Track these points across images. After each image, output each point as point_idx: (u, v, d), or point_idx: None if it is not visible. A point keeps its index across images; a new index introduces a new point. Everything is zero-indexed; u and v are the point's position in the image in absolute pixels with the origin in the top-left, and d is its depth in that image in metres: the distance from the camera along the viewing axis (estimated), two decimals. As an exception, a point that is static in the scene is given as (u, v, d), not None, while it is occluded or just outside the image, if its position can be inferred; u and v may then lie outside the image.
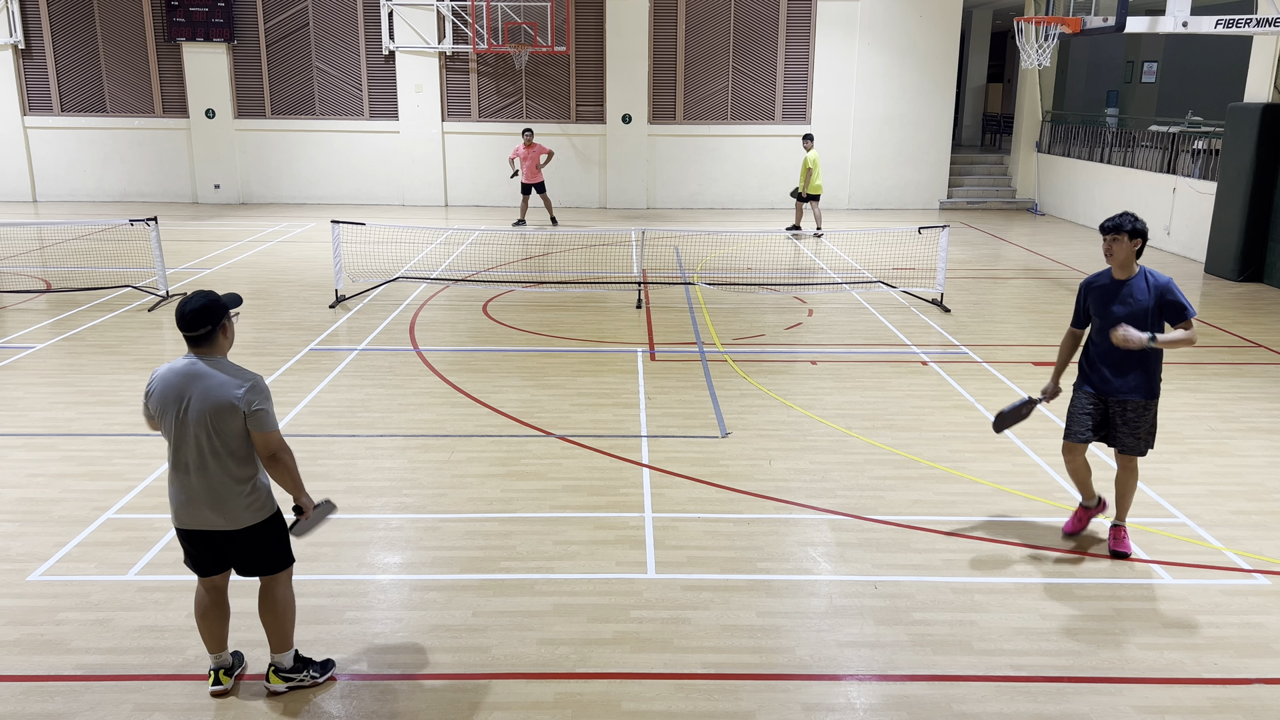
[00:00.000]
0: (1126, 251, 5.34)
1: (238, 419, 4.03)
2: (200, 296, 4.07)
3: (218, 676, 4.34)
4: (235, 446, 4.06)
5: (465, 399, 8.33)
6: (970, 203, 21.57)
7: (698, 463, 6.94)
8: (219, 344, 4.12)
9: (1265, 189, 13.40)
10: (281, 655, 4.35)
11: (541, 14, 19.98)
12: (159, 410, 4.10)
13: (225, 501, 4.09)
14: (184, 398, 4.03)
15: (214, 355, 4.11)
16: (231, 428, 4.03)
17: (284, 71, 20.88)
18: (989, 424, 7.77)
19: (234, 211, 20.14)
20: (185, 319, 4.03)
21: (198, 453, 4.04)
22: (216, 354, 4.12)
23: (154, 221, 11.94)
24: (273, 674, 4.34)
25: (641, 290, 12.45)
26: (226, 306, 4.13)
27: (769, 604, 5.10)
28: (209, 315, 4.05)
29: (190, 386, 4.03)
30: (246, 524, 4.14)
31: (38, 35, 20.59)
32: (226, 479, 4.08)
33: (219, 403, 4.00)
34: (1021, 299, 12.55)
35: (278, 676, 4.34)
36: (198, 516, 4.12)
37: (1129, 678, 4.50)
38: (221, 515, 4.10)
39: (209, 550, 4.21)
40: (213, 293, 4.12)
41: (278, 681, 4.34)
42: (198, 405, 4.01)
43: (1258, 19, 11.59)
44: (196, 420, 4.01)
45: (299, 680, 4.37)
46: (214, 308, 4.06)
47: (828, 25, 20.33)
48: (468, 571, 5.40)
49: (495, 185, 21.25)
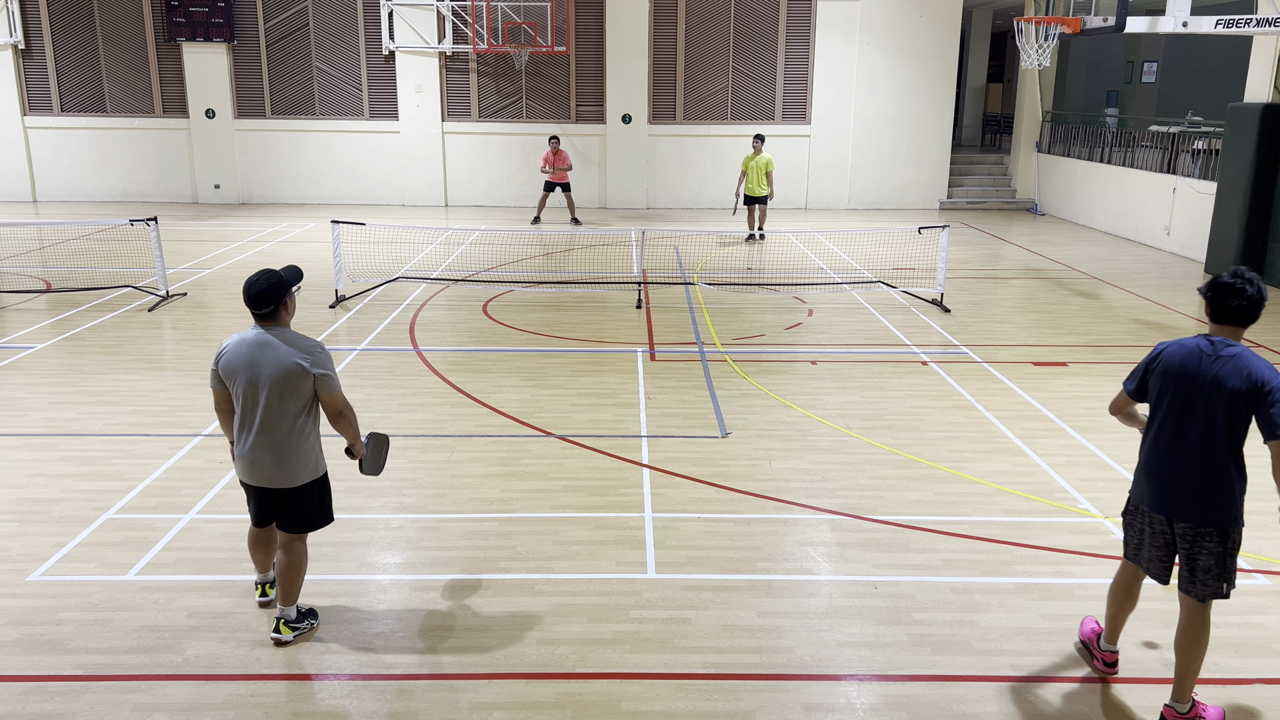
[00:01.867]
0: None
1: (308, 382, 4.51)
2: (265, 278, 4.48)
3: (264, 589, 5.02)
4: (301, 407, 4.53)
5: (465, 399, 8.33)
6: (970, 203, 21.57)
7: (698, 463, 6.94)
8: (282, 318, 4.57)
9: (1265, 189, 13.40)
10: (289, 609, 4.73)
11: (541, 14, 19.97)
12: (228, 374, 4.53)
13: (288, 460, 4.55)
14: (256, 365, 4.46)
15: (279, 327, 4.55)
16: (301, 390, 4.50)
17: (284, 71, 20.88)
18: (989, 424, 7.78)
19: (234, 211, 20.14)
20: (253, 299, 4.47)
21: (265, 414, 4.49)
22: (281, 325, 4.56)
23: (154, 221, 11.94)
24: (282, 625, 4.71)
25: (641, 290, 12.45)
26: (288, 284, 4.53)
27: (769, 604, 5.10)
28: (273, 295, 4.48)
29: (261, 355, 4.46)
30: (303, 482, 4.62)
31: (38, 35, 20.59)
32: (290, 437, 4.53)
33: (289, 369, 4.46)
34: (1021, 299, 12.55)
35: (287, 627, 4.71)
36: (261, 474, 4.58)
37: (1129, 678, 4.49)
38: (283, 473, 4.57)
39: (265, 505, 4.73)
40: (276, 272, 4.52)
41: (287, 632, 4.71)
42: (270, 371, 4.45)
43: (1258, 19, 11.58)
44: (268, 385, 4.46)
45: (302, 629, 4.78)
46: (278, 288, 4.49)
47: (828, 25, 20.33)
48: (468, 571, 5.40)
49: (495, 185, 21.26)
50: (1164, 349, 4.16)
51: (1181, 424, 4.03)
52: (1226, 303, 3.98)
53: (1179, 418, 4.04)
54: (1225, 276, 3.99)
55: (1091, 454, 7.18)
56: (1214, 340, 4.03)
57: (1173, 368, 4.06)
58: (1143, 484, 4.19)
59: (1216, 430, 3.96)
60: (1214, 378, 3.95)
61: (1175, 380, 4.04)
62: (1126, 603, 4.42)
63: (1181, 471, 4.03)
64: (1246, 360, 3.94)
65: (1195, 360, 4.01)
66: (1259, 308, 3.98)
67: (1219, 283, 3.99)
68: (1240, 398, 3.90)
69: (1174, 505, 4.06)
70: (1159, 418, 4.12)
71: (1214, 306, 4.02)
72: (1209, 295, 4.03)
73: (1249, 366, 3.91)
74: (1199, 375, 3.98)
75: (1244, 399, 3.90)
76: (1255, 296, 3.95)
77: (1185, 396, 4.01)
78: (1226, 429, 3.96)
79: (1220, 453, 3.99)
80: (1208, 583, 4.04)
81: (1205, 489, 4.01)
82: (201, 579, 5.29)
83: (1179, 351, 4.08)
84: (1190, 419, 4.00)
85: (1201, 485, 4.01)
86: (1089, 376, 9.12)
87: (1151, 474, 4.14)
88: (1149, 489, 4.15)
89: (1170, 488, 4.07)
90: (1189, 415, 4.01)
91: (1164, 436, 4.09)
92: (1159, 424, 4.12)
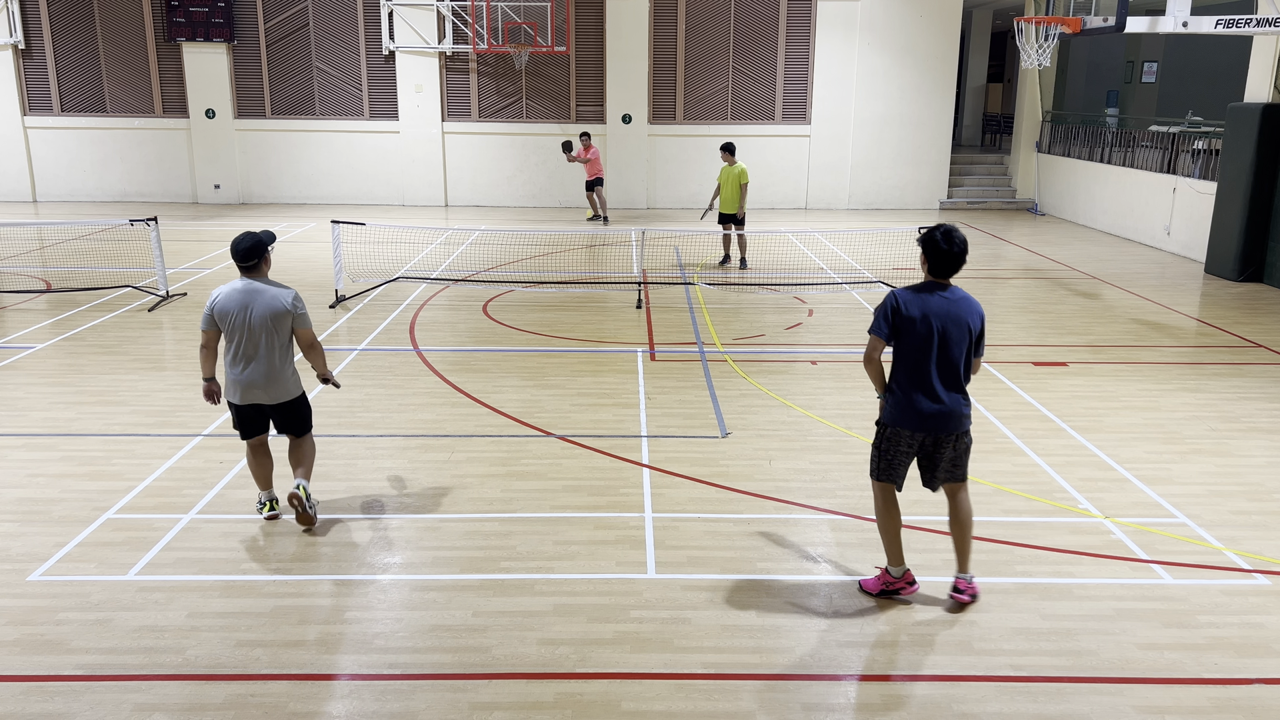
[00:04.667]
0: None
1: (288, 320, 5.65)
2: (250, 237, 5.63)
3: (271, 505, 5.96)
4: (284, 340, 5.68)
5: (465, 399, 8.33)
6: (970, 203, 21.57)
7: (698, 463, 6.94)
8: (263, 270, 5.70)
9: (1265, 189, 13.40)
10: (307, 480, 5.89)
11: (541, 14, 19.98)
12: (221, 315, 5.57)
13: (277, 382, 5.69)
14: (247, 307, 5.55)
15: (261, 277, 5.67)
16: (284, 327, 5.64)
17: (284, 71, 20.88)
18: (990, 424, 7.78)
19: (234, 211, 20.14)
20: (241, 253, 5.59)
21: (255, 347, 5.58)
22: (262, 276, 5.68)
23: (154, 221, 11.94)
24: (302, 488, 5.78)
25: (641, 290, 12.45)
26: (265, 243, 5.68)
27: (769, 604, 5.10)
28: (257, 250, 5.63)
29: (251, 300, 5.57)
30: (290, 398, 5.76)
31: (38, 35, 20.59)
32: (277, 365, 5.66)
33: (277, 310, 5.59)
34: (1021, 299, 12.55)
35: (304, 491, 5.78)
36: (252, 394, 5.66)
37: (1129, 678, 4.50)
38: (270, 393, 5.68)
39: (257, 418, 5.78)
40: (256, 233, 5.67)
41: (304, 494, 5.78)
42: (260, 311, 5.56)
43: (1258, 19, 11.58)
44: (259, 323, 5.55)
45: (313, 506, 5.83)
46: (260, 244, 5.65)
47: (828, 25, 20.33)
48: (468, 571, 5.40)
49: (495, 185, 21.27)
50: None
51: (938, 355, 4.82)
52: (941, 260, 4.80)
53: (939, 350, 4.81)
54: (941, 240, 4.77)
55: (1091, 454, 7.18)
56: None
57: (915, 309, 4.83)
58: (910, 414, 4.85)
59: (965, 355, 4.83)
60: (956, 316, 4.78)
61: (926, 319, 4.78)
62: (898, 518, 5.10)
63: (939, 397, 4.81)
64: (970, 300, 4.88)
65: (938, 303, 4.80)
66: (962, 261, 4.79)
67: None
68: (972, 330, 4.80)
69: (941, 424, 4.84)
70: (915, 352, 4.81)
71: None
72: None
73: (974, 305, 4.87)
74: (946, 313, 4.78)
75: (975, 331, 4.82)
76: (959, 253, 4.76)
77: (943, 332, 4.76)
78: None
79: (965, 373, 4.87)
80: (964, 466, 5.02)
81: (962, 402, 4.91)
82: (201, 579, 5.29)
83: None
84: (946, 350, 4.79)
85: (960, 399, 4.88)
86: (1089, 376, 9.12)
87: (917, 403, 4.83)
88: (920, 416, 4.84)
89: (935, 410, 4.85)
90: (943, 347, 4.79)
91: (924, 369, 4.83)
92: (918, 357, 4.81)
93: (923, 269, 4.89)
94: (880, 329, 4.83)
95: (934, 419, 4.82)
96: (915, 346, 4.77)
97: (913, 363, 4.79)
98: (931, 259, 4.80)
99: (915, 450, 4.94)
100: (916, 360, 4.78)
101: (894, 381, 4.89)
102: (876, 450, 5.04)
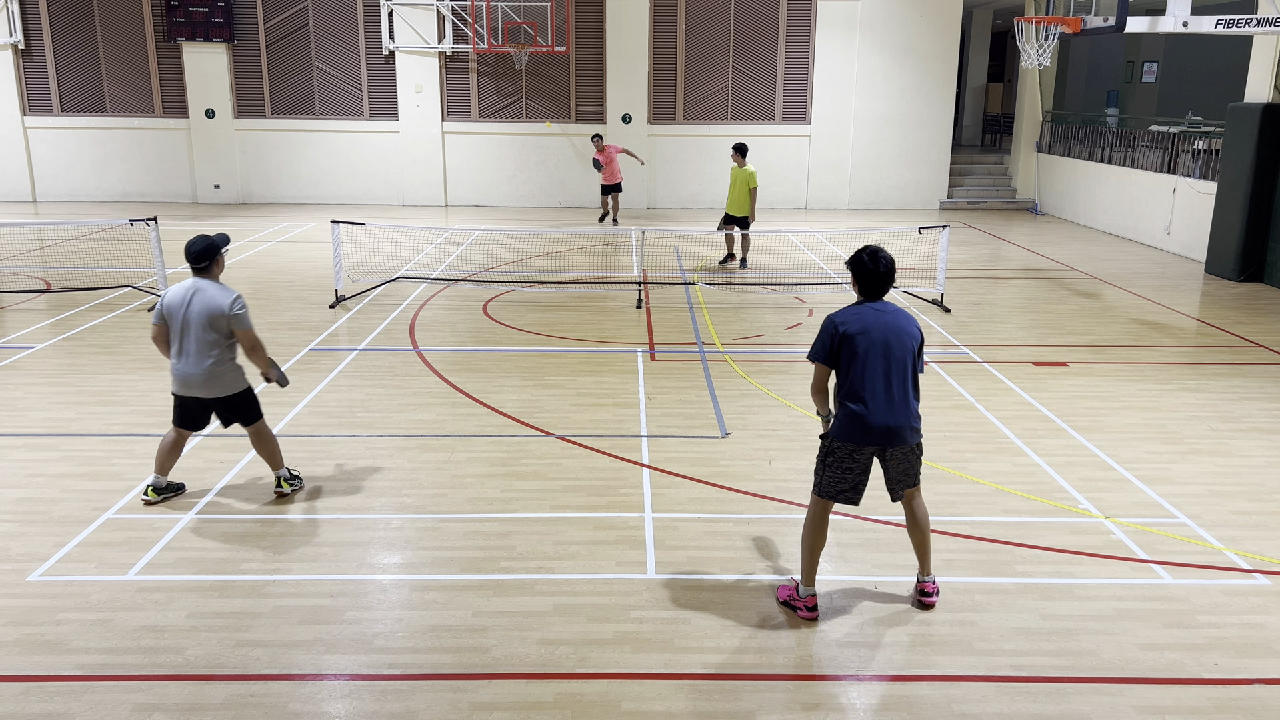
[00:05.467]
0: None
1: (225, 321, 5.85)
2: (202, 240, 5.90)
3: (150, 492, 6.14)
4: (221, 339, 5.87)
5: (465, 399, 8.33)
6: (970, 203, 21.57)
7: (698, 463, 6.94)
8: (213, 272, 5.95)
9: (1265, 189, 13.40)
10: (281, 470, 6.29)
11: (541, 14, 19.98)
12: (168, 312, 5.87)
13: (214, 378, 5.91)
14: (189, 305, 5.83)
15: (210, 279, 5.93)
16: (220, 326, 5.85)
17: (284, 71, 20.88)
18: (990, 424, 7.78)
19: (234, 211, 20.14)
20: (193, 255, 5.86)
21: (196, 343, 5.83)
22: (211, 278, 5.94)
23: (154, 221, 11.93)
24: (282, 481, 6.27)
25: (641, 290, 12.45)
26: (218, 246, 5.97)
27: (768, 604, 5.10)
28: (208, 253, 5.90)
29: (193, 298, 5.84)
30: (228, 393, 5.99)
31: (38, 35, 20.59)
32: (216, 362, 5.88)
33: (214, 310, 5.82)
34: (1021, 299, 12.55)
35: (286, 483, 6.27)
36: (192, 388, 5.93)
37: (1129, 678, 4.50)
38: (209, 388, 5.93)
39: (196, 410, 6.06)
40: (209, 237, 5.96)
41: (286, 486, 6.28)
42: (198, 310, 5.82)
43: (1258, 19, 11.59)
44: (197, 321, 5.81)
45: (297, 485, 6.34)
46: (211, 248, 5.92)
47: (828, 25, 20.33)
48: (468, 571, 5.40)
49: (495, 185, 21.27)
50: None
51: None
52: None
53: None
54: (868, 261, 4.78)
55: (1091, 454, 7.18)
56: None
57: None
58: (860, 429, 4.75)
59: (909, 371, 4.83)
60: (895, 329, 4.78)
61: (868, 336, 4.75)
62: (824, 538, 5.01)
63: (889, 410, 4.74)
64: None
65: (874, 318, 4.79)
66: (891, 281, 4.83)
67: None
68: (914, 340, 4.81)
69: (889, 437, 4.79)
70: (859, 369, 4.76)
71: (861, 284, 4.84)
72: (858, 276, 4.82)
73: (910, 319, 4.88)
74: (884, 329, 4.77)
75: (917, 340, 4.83)
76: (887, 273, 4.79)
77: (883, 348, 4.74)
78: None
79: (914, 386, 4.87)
80: (916, 473, 4.96)
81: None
82: (201, 579, 5.29)
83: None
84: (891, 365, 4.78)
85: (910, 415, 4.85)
86: (1089, 376, 9.12)
87: (867, 417, 4.74)
88: (870, 430, 4.75)
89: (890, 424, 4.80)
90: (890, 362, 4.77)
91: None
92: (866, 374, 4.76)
93: (854, 290, 4.88)
94: (819, 354, 4.80)
95: (883, 433, 4.73)
96: (860, 362, 4.70)
97: (859, 377, 4.71)
98: (861, 280, 4.80)
99: (867, 464, 4.84)
100: (862, 375, 4.70)
101: (842, 398, 4.81)
102: (823, 465, 4.90)
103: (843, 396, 4.80)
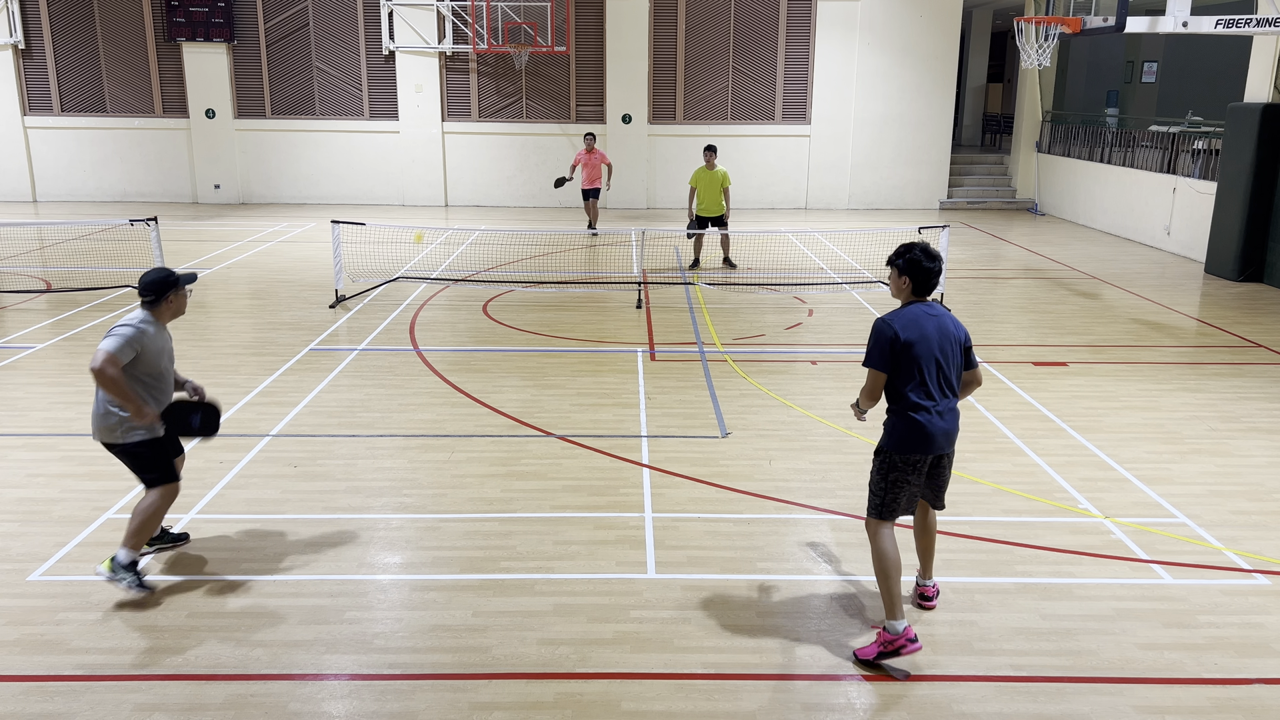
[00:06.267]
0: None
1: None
2: (156, 273, 5.07)
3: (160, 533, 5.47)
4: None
5: (465, 399, 8.33)
6: (970, 203, 21.57)
7: (698, 463, 6.94)
8: (160, 310, 5.06)
9: (1265, 189, 13.40)
10: (122, 550, 5.04)
11: (541, 14, 19.98)
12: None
13: (97, 421, 5.08)
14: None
15: (150, 316, 5.03)
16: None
17: (284, 71, 20.88)
18: (990, 424, 7.78)
19: (234, 211, 20.14)
20: (141, 285, 5.03)
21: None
22: (154, 315, 5.05)
23: (154, 221, 11.94)
24: (109, 561, 5.02)
25: (641, 290, 12.45)
26: (169, 285, 5.04)
27: (769, 604, 5.10)
28: (154, 288, 5.02)
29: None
30: (108, 441, 5.06)
31: (38, 35, 20.59)
32: (98, 403, 5.05)
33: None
34: (1021, 299, 12.55)
35: (109, 564, 5.01)
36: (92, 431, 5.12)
37: (1129, 678, 4.50)
38: (95, 429, 5.09)
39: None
40: (170, 271, 5.09)
41: (106, 567, 5.02)
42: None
43: (1258, 19, 11.58)
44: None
45: (118, 578, 5.01)
46: (161, 284, 5.02)
47: (828, 25, 20.33)
48: (468, 571, 5.40)
49: (495, 185, 21.26)
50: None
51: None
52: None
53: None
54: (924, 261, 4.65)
55: (1091, 454, 7.18)
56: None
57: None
58: (922, 437, 4.60)
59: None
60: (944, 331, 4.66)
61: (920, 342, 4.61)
62: (899, 561, 4.72)
63: (946, 414, 4.65)
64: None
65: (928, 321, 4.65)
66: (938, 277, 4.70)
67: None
68: (962, 342, 4.72)
69: (947, 441, 4.70)
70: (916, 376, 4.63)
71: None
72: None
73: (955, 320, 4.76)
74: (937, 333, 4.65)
75: (965, 342, 4.74)
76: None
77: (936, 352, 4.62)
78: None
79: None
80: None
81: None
82: (201, 579, 5.29)
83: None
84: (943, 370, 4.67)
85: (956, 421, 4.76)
86: (1089, 376, 9.12)
87: (929, 424, 4.61)
88: (932, 438, 4.62)
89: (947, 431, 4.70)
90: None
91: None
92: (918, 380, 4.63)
93: (898, 292, 4.72)
94: (877, 362, 4.61)
95: (944, 439, 4.64)
96: (919, 369, 4.56)
97: (918, 384, 4.57)
98: (917, 279, 4.64)
99: (925, 472, 4.69)
100: (921, 381, 4.57)
101: (900, 407, 4.62)
102: (884, 483, 4.65)
103: (901, 406, 4.62)
